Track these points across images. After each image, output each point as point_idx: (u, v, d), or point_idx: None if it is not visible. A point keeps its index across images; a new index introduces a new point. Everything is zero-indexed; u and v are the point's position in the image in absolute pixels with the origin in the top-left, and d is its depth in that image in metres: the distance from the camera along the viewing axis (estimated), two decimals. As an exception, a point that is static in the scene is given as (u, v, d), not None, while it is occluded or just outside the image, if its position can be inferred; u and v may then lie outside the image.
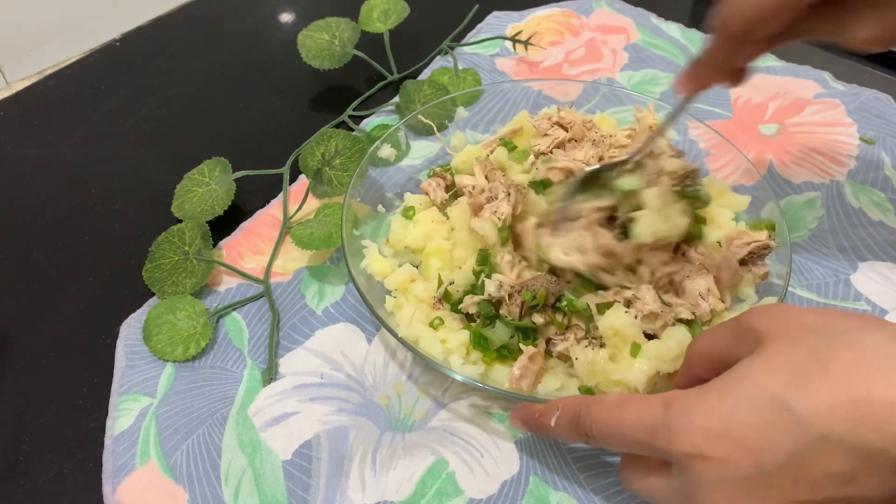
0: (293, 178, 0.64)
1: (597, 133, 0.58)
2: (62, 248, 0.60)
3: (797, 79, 0.74)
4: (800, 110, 0.71)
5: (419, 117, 0.63)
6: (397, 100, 0.70)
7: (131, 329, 0.53)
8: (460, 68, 0.74)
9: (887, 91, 0.72)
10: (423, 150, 0.64)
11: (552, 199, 0.52)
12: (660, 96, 0.72)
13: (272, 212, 0.61)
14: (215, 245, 0.59)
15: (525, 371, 0.46)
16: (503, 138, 0.60)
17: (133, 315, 0.54)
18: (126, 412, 0.48)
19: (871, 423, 0.29)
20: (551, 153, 0.57)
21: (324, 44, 0.72)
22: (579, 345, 0.47)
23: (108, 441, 0.47)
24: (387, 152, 0.61)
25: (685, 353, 0.40)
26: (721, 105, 0.71)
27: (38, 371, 0.52)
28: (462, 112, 0.67)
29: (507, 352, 0.48)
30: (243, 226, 0.61)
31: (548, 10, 0.83)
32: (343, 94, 0.73)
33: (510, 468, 0.46)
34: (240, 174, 0.61)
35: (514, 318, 0.48)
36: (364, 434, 0.47)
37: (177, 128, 0.71)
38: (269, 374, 0.50)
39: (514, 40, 0.76)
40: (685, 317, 0.47)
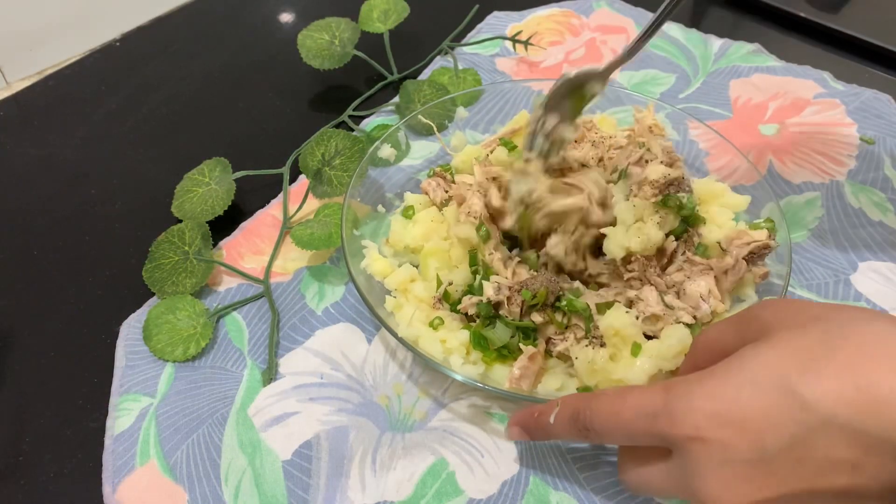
0: (293, 178, 0.64)
1: (596, 134, 0.58)
2: (62, 248, 0.60)
3: (797, 79, 0.74)
4: (800, 110, 0.71)
5: (419, 117, 0.63)
6: (397, 100, 0.70)
7: (131, 329, 0.53)
8: (460, 68, 0.74)
9: (887, 91, 0.72)
10: (423, 150, 0.64)
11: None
12: (660, 96, 0.72)
13: (272, 212, 0.61)
14: (215, 245, 0.59)
15: (525, 371, 0.46)
16: (503, 138, 0.60)
17: (133, 315, 0.54)
18: (126, 412, 0.48)
19: (875, 409, 0.28)
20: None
21: (324, 44, 0.72)
22: (579, 344, 0.47)
23: (108, 441, 0.47)
24: (387, 152, 0.61)
25: (691, 346, 0.40)
26: (721, 105, 0.71)
27: (38, 371, 0.52)
28: (462, 112, 0.67)
29: (507, 352, 0.48)
30: (243, 226, 0.61)
31: (548, 10, 0.83)
32: (343, 94, 0.73)
33: (510, 468, 0.46)
34: (240, 174, 0.61)
35: (515, 317, 0.48)
36: (364, 434, 0.47)
37: (177, 128, 0.71)
38: (269, 374, 0.50)
39: (514, 40, 0.76)
40: (686, 321, 0.47)
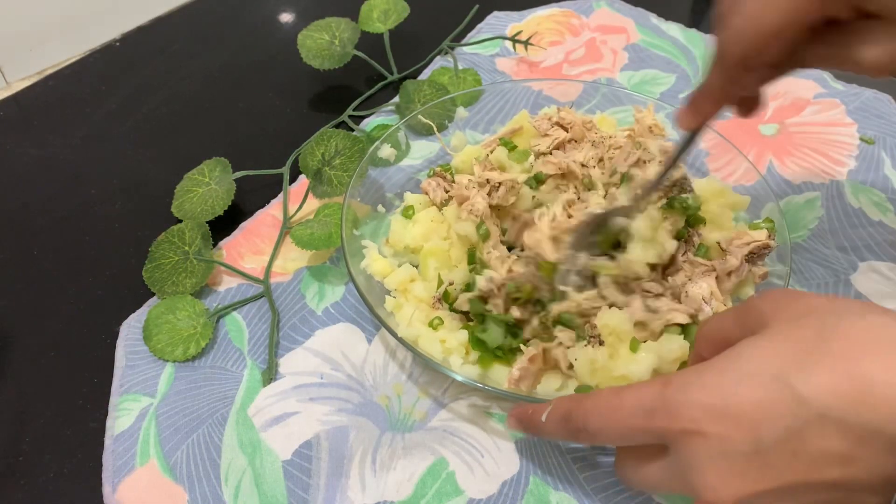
0: (293, 178, 0.64)
1: (596, 134, 0.58)
2: (62, 248, 0.60)
3: (797, 79, 0.74)
4: (800, 110, 0.71)
5: (419, 117, 0.63)
6: (397, 100, 0.70)
7: (131, 329, 0.53)
8: (460, 68, 0.74)
9: (887, 91, 0.72)
10: (423, 150, 0.64)
11: (542, 204, 0.52)
12: (660, 96, 0.72)
13: (272, 212, 0.61)
14: (215, 245, 0.59)
15: (524, 372, 0.46)
16: (503, 138, 0.60)
17: (133, 315, 0.54)
18: (126, 412, 0.48)
19: (869, 402, 0.29)
20: (551, 153, 0.57)
21: (324, 44, 0.72)
22: (578, 345, 0.47)
23: (108, 441, 0.47)
24: (387, 152, 0.61)
25: (695, 338, 0.40)
26: (721, 105, 0.71)
27: (38, 371, 0.52)
28: (462, 112, 0.67)
29: (500, 353, 0.48)
30: (243, 226, 0.61)
31: (548, 10, 0.83)
32: (343, 94, 0.73)
33: (510, 468, 0.46)
34: (240, 174, 0.61)
35: (500, 311, 0.48)
36: (364, 434, 0.47)
37: (177, 128, 0.71)
38: (269, 374, 0.50)
39: (514, 40, 0.76)
40: (679, 321, 0.46)
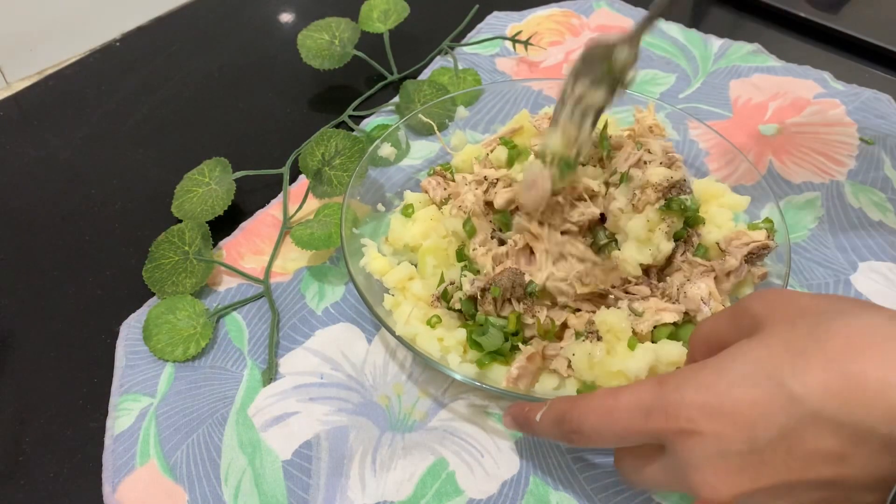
0: (293, 178, 0.64)
1: (596, 135, 0.58)
2: (62, 248, 0.60)
3: (797, 79, 0.74)
4: (800, 110, 0.71)
5: (419, 116, 0.63)
6: (397, 100, 0.70)
7: (131, 329, 0.53)
8: (460, 68, 0.74)
9: (887, 91, 0.72)
10: (422, 149, 0.64)
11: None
12: (660, 96, 0.72)
13: (272, 212, 0.61)
14: (215, 245, 0.59)
15: (523, 371, 0.46)
16: (503, 137, 0.60)
17: (133, 315, 0.54)
18: (126, 412, 0.48)
19: (862, 401, 0.29)
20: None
21: (324, 44, 0.72)
22: (576, 341, 0.47)
23: (108, 441, 0.47)
24: (386, 152, 0.61)
25: (689, 340, 0.40)
26: (721, 105, 0.71)
27: (38, 371, 0.52)
28: (462, 111, 0.67)
29: (499, 355, 0.48)
30: (243, 226, 0.61)
31: (548, 10, 0.83)
32: (343, 94, 0.73)
33: (510, 468, 0.46)
34: (240, 174, 0.61)
35: (491, 314, 0.48)
36: (364, 434, 0.47)
37: (177, 128, 0.71)
38: (269, 374, 0.50)
39: (514, 40, 0.76)
40: (668, 320, 0.46)
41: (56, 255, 0.59)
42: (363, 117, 0.70)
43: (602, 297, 0.49)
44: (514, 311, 0.48)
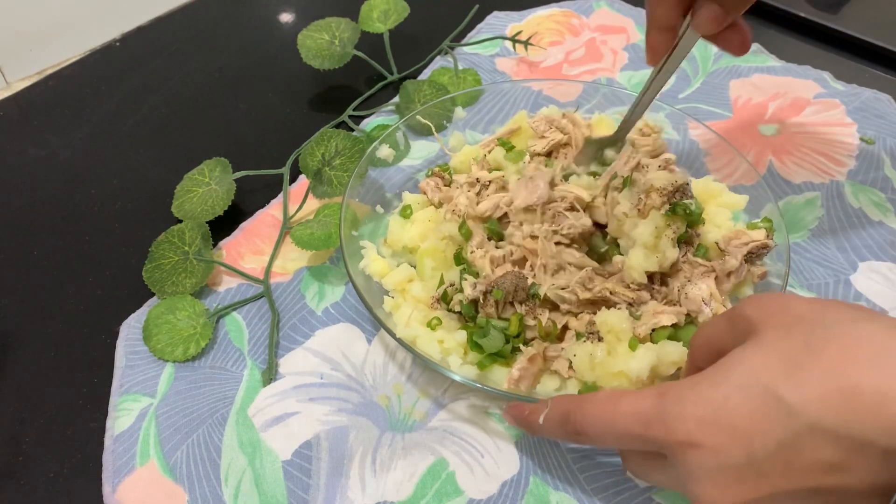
0: (293, 179, 0.64)
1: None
2: (62, 248, 0.60)
3: (797, 79, 0.74)
4: (800, 110, 0.71)
5: (418, 117, 0.63)
6: (397, 100, 0.70)
7: (131, 329, 0.53)
8: (460, 68, 0.74)
9: (887, 91, 0.72)
10: (422, 150, 0.64)
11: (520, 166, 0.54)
12: (659, 97, 0.72)
13: (272, 212, 0.61)
14: (215, 245, 0.59)
15: (524, 372, 0.46)
16: (501, 138, 0.60)
17: (133, 315, 0.54)
18: (126, 412, 0.48)
19: (859, 412, 0.29)
20: (548, 155, 0.57)
21: (324, 44, 0.72)
22: (577, 342, 0.47)
23: (108, 441, 0.47)
24: (386, 152, 0.61)
25: (689, 345, 0.40)
26: (721, 105, 0.71)
27: (38, 371, 0.52)
28: (460, 112, 0.66)
29: (500, 357, 0.48)
30: (243, 226, 0.61)
31: (548, 10, 0.83)
32: (343, 94, 0.73)
33: (510, 468, 0.46)
34: (240, 174, 0.61)
35: (493, 317, 0.48)
36: (364, 434, 0.47)
37: (177, 128, 0.71)
38: (269, 374, 0.50)
39: (514, 40, 0.76)
40: (666, 322, 0.46)
41: (56, 255, 0.59)
42: (363, 117, 0.70)
43: (604, 301, 0.49)
44: (516, 313, 0.48)
